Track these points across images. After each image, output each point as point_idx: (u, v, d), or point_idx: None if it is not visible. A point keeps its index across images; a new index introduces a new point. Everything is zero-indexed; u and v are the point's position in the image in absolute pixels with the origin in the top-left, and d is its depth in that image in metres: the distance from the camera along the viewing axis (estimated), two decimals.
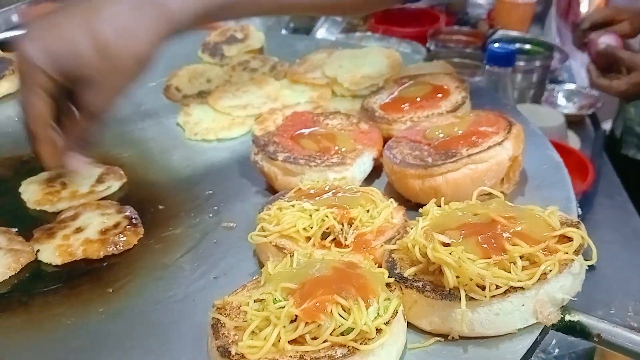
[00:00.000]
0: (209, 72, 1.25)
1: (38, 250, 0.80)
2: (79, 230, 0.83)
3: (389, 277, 0.64)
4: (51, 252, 0.80)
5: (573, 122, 1.86)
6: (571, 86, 2.08)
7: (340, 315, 0.55)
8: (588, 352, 1.12)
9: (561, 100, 2.01)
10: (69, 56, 0.76)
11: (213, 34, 1.37)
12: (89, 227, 0.83)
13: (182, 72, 1.25)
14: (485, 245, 0.62)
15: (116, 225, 0.84)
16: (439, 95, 1.00)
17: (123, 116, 1.13)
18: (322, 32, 1.84)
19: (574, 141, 1.77)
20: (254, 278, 0.68)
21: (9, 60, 1.22)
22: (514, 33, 2.09)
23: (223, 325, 0.60)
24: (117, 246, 0.81)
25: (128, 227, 0.83)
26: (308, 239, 0.75)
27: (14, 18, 1.36)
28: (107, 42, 0.76)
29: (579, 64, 2.26)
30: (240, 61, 1.28)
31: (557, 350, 1.08)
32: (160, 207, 0.91)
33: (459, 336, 0.61)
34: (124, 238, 0.81)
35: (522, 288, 0.59)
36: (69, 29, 0.77)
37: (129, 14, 0.78)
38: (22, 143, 1.05)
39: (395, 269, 0.66)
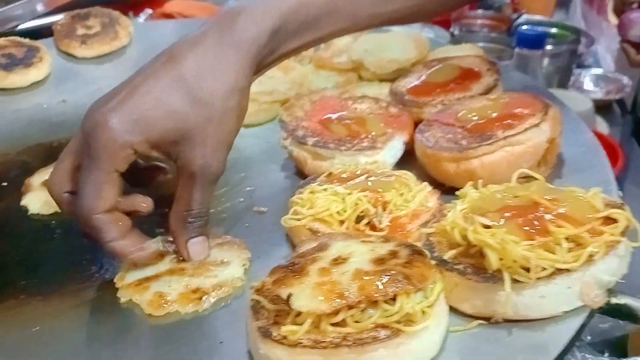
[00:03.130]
0: None
1: None
2: None
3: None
4: None
5: (600, 107, 1.82)
6: (598, 71, 2.04)
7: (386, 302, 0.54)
8: (620, 340, 1.10)
9: (588, 84, 1.97)
10: (165, 121, 0.66)
11: None
12: None
13: None
14: (527, 228, 0.60)
15: None
16: (470, 77, 0.98)
17: None
18: None
19: (602, 126, 1.74)
20: None
21: (36, 48, 1.22)
22: (539, 17, 2.05)
23: (262, 306, 0.59)
24: None
25: None
26: (342, 222, 0.74)
27: (39, 7, 1.36)
28: (199, 87, 0.67)
29: (604, 48, 2.21)
30: None
31: (589, 337, 1.06)
32: None
33: (503, 319, 0.60)
34: None
35: (568, 270, 0.58)
36: (155, 89, 0.66)
37: (210, 54, 0.68)
38: (52, 130, 1.07)
39: (434, 251, 0.65)
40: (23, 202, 0.89)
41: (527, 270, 0.58)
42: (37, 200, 0.88)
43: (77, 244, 0.81)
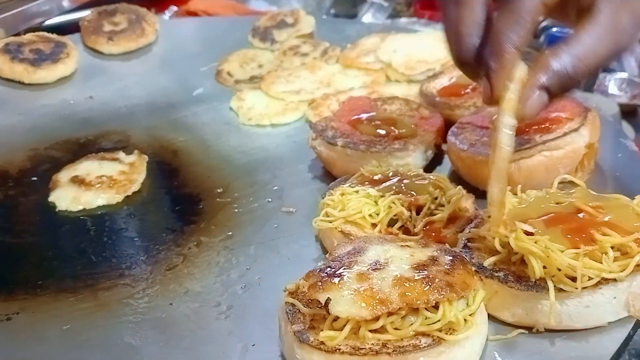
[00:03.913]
0: (260, 57, 1.24)
1: None
2: None
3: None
4: None
5: (625, 112, 1.78)
6: (623, 75, 2.00)
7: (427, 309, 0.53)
8: None
9: (612, 88, 1.93)
10: None
11: (263, 19, 1.35)
12: None
13: (233, 57, 1.23)
14: (571, 235, 0.58)
15: None
16: None
17: (176, 101, 1.14)
18: (368, 17, 1.80)
19: (628, 131, 1.71)
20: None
21: (63, 44, 1.22)
22: None
23: (298, 310, 0.58)
24: None
25: None
26: (374, 225, 0.73)
27: (65, 3, 1.36)
28: None
29: (628, 52, 2.17)
30: (290, 46, 1.26)
31: (633, 350, 1.04)
32: (219, 190, 0.90)
33: (544, 329, 0.58)
34: None
35: (614, 280, 0.56)
36: None
37: None
38: (79, 126, 1.07)
39: (473, 258, 0.63)
40: (51, 199, 0.88)
41: (572, 279, 0.56)
42: (66, 197, 0.88)
43: (107, 242, 0.81)
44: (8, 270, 0.77)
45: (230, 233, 0.81)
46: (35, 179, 0.94)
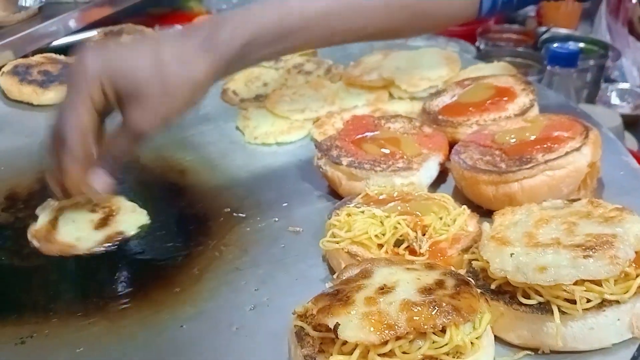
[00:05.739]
0: (264, 76, 1.25)
1: None
2: None
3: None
4: None
5: (628, 123, 1.79)
6: (625, 85, 2.01)
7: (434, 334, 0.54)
8: None
9: (615, 99, 1.95)
10: (128, 71, 0.77)
11: None
12: None
13: (238, 76, 1.25)
14: None
15: None
16: (505, 97, 0.97)
17: (183, 121, 1.15)
18: None
19: (631, 142, 1.72)
20: None
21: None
22: (565, 31, 2.03)
23: (307, 333, 0.59)
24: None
25: None
26: (380, 246, 0.74)
27: (72, 24, 1.38)
28: (165, 64, 0.78)
29: (630, 61, 2.18)
30: (294, 64, 1.28)
31: None
32: (226, 210, 0.91)
33: (550, 350, 0.59)
34: None
35: (617, 302, 0.57)
36: (132, 50, 0.81)
37: (189, 45, 0.81)
38: None
39: (479, 279, 0.64)
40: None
41: (573, 302, 0.57)
42: None
43: (116, 263, 0.82)
44: (18, 294, 0.78)
45: (238, 253, 0.82)
46: (51, 201, 0.94)
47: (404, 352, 0.54)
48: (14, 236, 0.89)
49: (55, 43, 1.35)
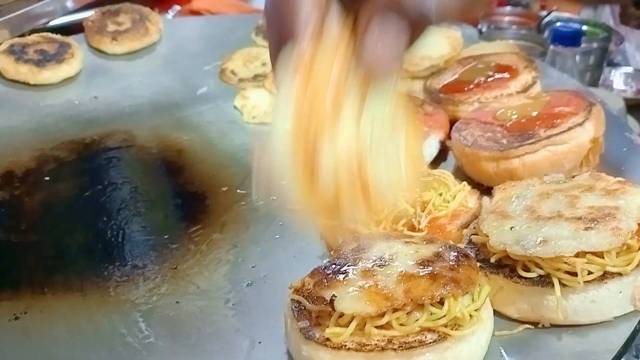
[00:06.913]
0: (263, 55, 1.23)
1: None
2: None
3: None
4: None
5: (630, 107, 1.77)
6: (628, 69, 1.99)
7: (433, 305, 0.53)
8: None
9: (617, 83, 1.93)
10: None
11: None
12: None
13: (237, 56, 1.23)
14: None
15: None
16: (507, 75, 0.96)
17: (180, 100, 1.14)
18: None
19: (633, 126, 1.70)
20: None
21: (67, 44, 1.23)
22: (568, 14, 2.01)
23: (303, 307, 0.58)
24: None
25: None
26: (379, 222, 0.73)
27: (69, 4, 1.37)
28: None
29: (633, 46, 2.16)
30: None
31: None
32: (224, 189, 0.90)
33: (550, 324, 0.58)
34: None
35: (619, 274, 0.56)
36: None
37: None
38: (84, 126, 1.08)
39: (478, 254, 0.64)
40: None
41: (574, 275, 0.56)
42: None
43: (113, 240, 0.82)
44: (14, 269, 0.78)
45: (237, 231, 0.81)
46: (47, 178, 0.94)
47: (401, 324, 0.54)
48: (11, 213, 0.88)
49: (53, 23, 1.34)
